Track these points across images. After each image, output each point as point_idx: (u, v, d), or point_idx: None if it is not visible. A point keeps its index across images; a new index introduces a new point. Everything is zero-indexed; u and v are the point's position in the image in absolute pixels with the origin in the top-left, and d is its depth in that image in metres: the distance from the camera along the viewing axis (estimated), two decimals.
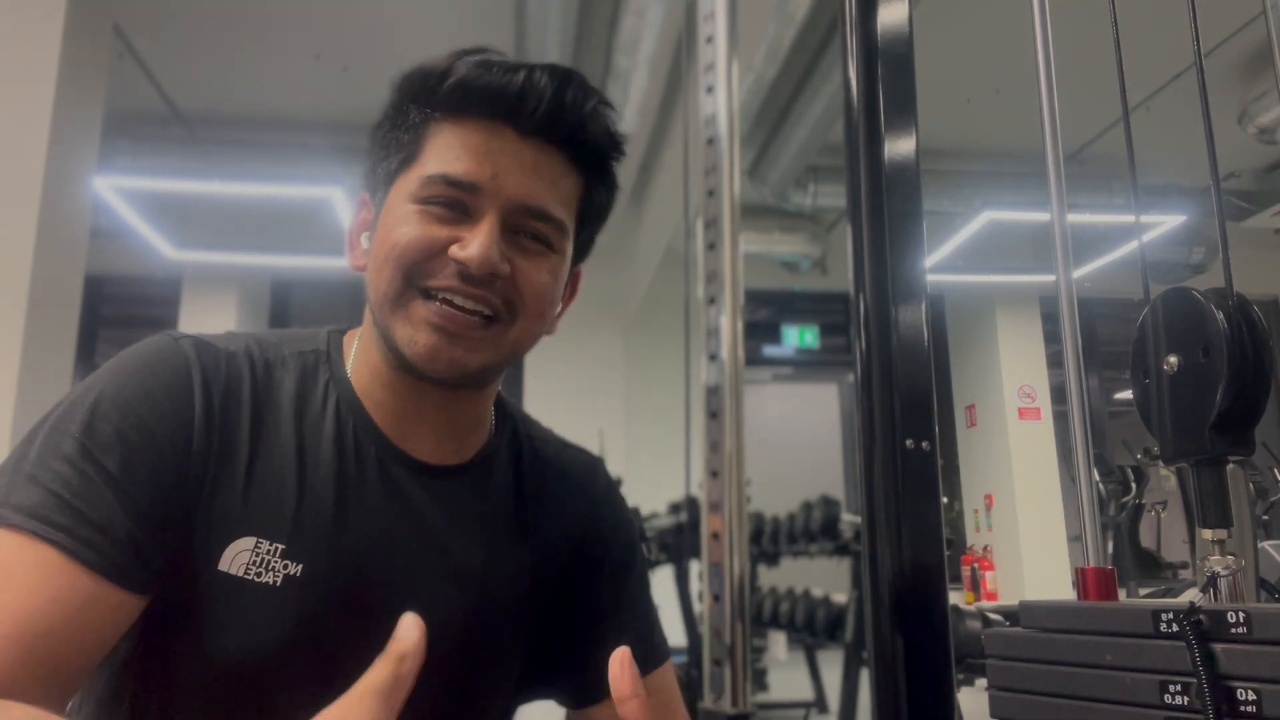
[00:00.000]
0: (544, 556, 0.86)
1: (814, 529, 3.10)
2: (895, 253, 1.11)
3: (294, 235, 5.87)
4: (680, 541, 3.74)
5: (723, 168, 1.32)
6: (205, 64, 4.85)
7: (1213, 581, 0.75)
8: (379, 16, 4.47)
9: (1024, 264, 6.45)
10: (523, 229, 0.76)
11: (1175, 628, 0.66)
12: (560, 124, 0.75)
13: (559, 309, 0.84)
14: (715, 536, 1.24)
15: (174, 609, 0.70)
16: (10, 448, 2.64)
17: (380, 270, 0.75)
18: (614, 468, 1.54)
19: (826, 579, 3.94)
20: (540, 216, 0.76)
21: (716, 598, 1.22)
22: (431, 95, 0.75)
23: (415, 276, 0.73)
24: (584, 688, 0.88)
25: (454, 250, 0.72)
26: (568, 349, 6.98)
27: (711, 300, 1.30)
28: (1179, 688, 0.65)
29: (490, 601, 0.81)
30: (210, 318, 6.39)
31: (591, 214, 0.83)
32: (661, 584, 4.22)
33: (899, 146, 1.13)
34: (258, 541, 0.71)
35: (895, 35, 1.17)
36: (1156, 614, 0.68)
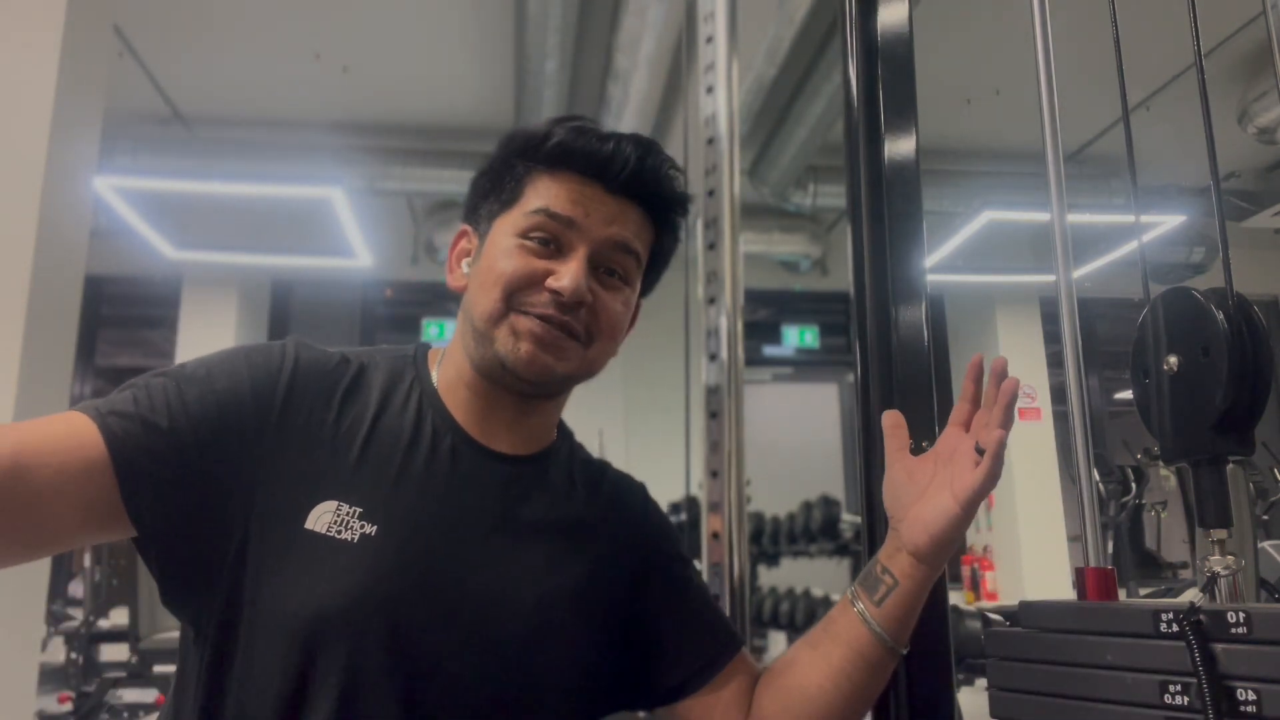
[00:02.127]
0: (603, 561, 0.94)
1: (814, 529, 3.10)
2: (895, 253, 1.11)
3: (294, 235, 5.87)
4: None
5: (723, 168, 1.32)
6: (205, 64, 4.85)
7: (1213, 581, 0.75)
8: (379, 16, 4.47)
9: (1024, 264, 6.45)
10: (605, 264, 0.91)
11: (1175, 628, 0.66)
12: (640, 184, 0.91)
13: (626, 333, 0.98)
14: (715, 536, 1.23)
15: (262, 562, 0.80)
16: None
17: (486, 291, 0.88)
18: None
19: (826, 579, 3.94)
20: (624, 249, 0.91)
21: (716, 598, 1.22)
22: (535, 152, 0.90)
23: (516, 300, 0.87)
24: (656, 686, 0.95)
25: (550, 281, 0.87)
26: None
27: (711, 300, 1.30)
28: (1179, 688, 0.65)
29: (554, 588, 0.89)
30: (210, 318, 6.39)
31: (659, 259, 0.99)
32: None
33: (899, 146, 1.13)
34: (339, 505, 0.81)
35: (895, 35, 1.17)
36: (1156, 614, 0.68)
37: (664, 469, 2.57)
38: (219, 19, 4.47)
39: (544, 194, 0.89)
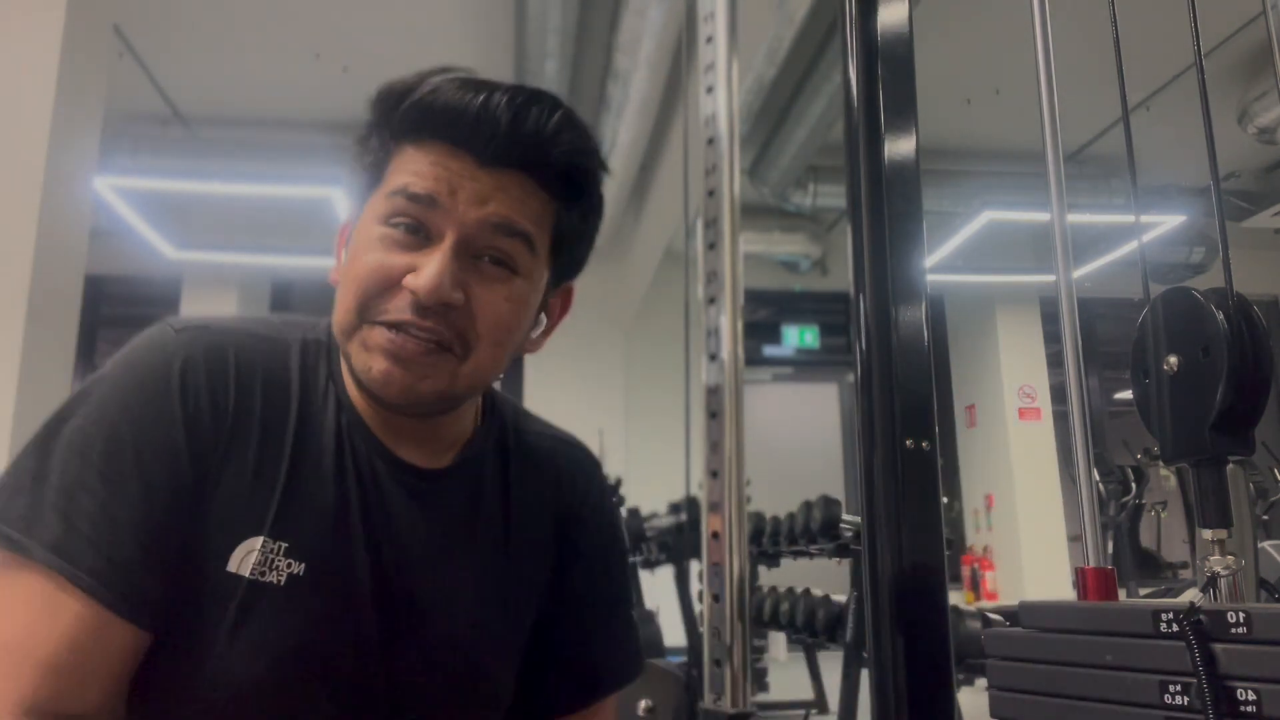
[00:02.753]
0: (528, 559, 0.85)
1: (814, 529, 3.09)
2: (895, 253, 1.11)
3: (294, 235, 5.87)
4: (680, 541, 3.74)
5: (723, 168, 1.32)
6: (205, 64, 4.85)
7: (1213, 581, 0.75)
8: (379, 16, 4.47)
9: (1024, 264, 6.45)
10: (485, 252, 0.73)
11: (1175, 628, 0.66)
12: (518, 150, 0.73)
13: (534, 332, 0.82)
14: (715, 536, 1.24)
15: (179, 622, 0.69)
16: (10, 448, 2.62)
17: (343, 297, 0.74)
18: (614, 468, 1.56)
19: (826, 579, 3.94)
20: (506, 231, 0.73)
21: (716, 598, 1.22)
22: (393, 116, 0.74)
23: (370, 310, 0.72)
24: (554, 685, 0.87)
25: (407, 280, 0.70)
26: (568, 349, 6.98)
27: (711, 300, 1.30)
28: (1179, 688, 0.65)
29: (485, 610, 0.81)
30: None
31: (569, 234, 0.79)
32: (661, 584, 4.22)
33: (899, 146, 1.13)
34: (265, 540, 0.70)
35: (895, 35, 1.17)
36: (1156, 614, 0.68)
37: (664, 469, 2.57)
38: (219, 19, 4.47)
39: (404, 170, 0.72)
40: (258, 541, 0.70)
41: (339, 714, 0.72)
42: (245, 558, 0.69)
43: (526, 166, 0.74)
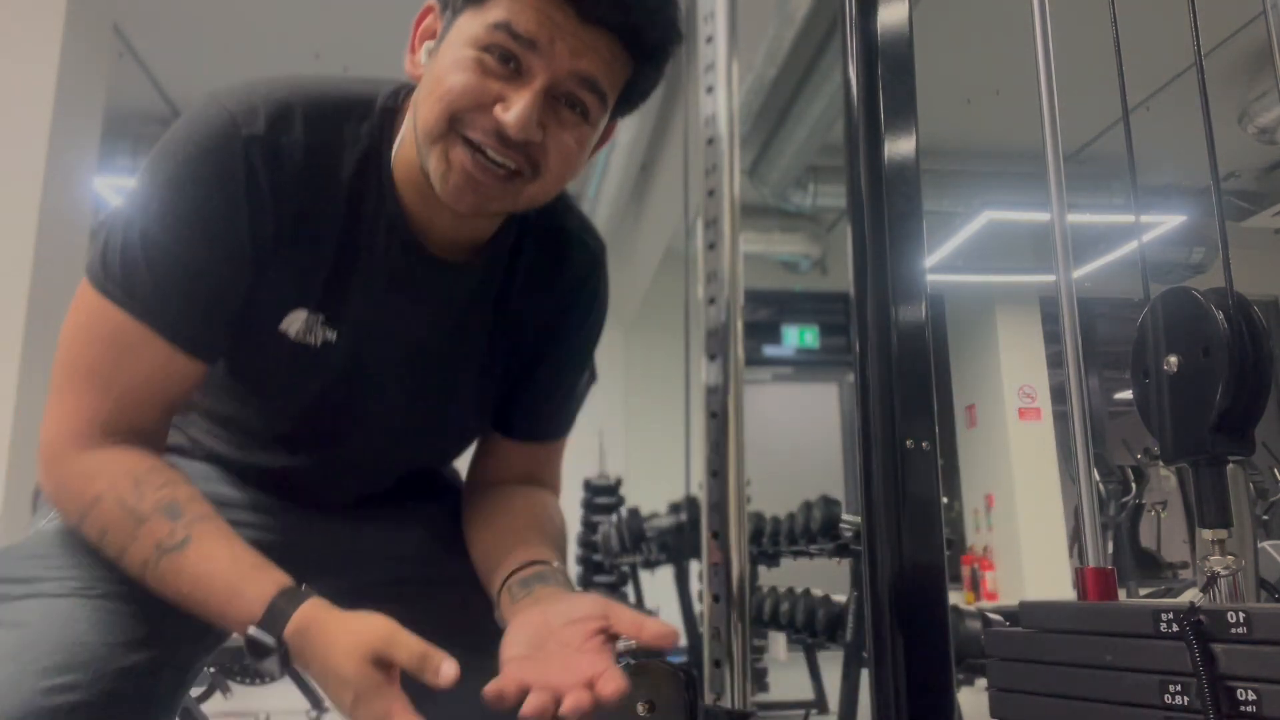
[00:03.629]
0: (514, 323, 0.98)
1: (814, 529, 3.09)
2: (895, 253, 1.11)
3: None
4: (680, 541, 3.74)
5: (723, 168, 1.32)
6: (205, 64, 4.85)
7: (1213, 581, 0.75)
8: (379, 17, 4.46)
9: (1024, 264, 6.45)
10: (566, 96, 0.81)
11: (1175, 628, 0.66)
12: (619, 15, 0.79)
13: (585, 159, 0.89)
14: (715, 536, 1.24)
15: (236, 358, 0.88)
16: (10, 448, 2.62)
17: (429, 104, 0.80)
18: (614, 468, 1.58)
19: (826, 579, 3.94)
20: (589, 86, 0.81)
21: (716, 598, 1.22)
22: None
23: (458, 123, 0.79)
24: (515, 427, 1.04)
25: (497, 110, 0.78)
26: None
27: (711, 300, 1.30)
28: (1179, 688, 0.65)
29: (470, 366, 0.97)
30: None
31: (634, 95, 0.88)
32: (661, 584, 4.22)
33: (899, 146, 1.13)
34: (309, 313, 0.87)
35: (895, 35, 1.17)
36: (1156, 614, 0.68)
37: (664, 469, 2.57)
38: (219, 19, 4.47)
39: (511, 6, 0.77)
40: (303, 313, 0.86)
41: (347, 439, 0.95)
42: (293, 323, 0.87)
43: (621, 31, 0.80)
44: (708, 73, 1.35)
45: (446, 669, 0.69)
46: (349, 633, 0.72)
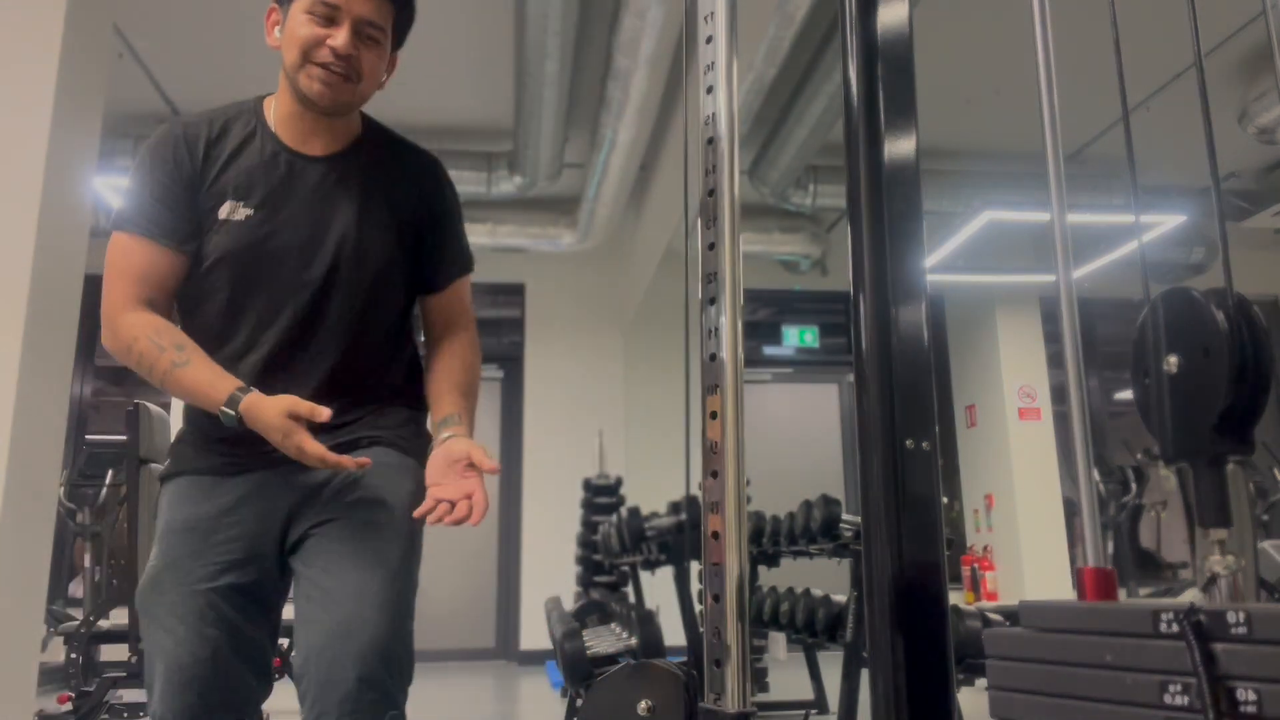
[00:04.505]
0: (393, 195, 1.50)
1: (814, 529, 3.09)
2: (895, 253, 1.11)
3: None
4: (680, 541, 3.74)
5: (723, 168, 1.32)
6: (205, 64, 4.85)
7: (1213, 581, 0.75)
8: None
9: (1024, 264, 6.45)
10: (362, 32, 1.41)
11: (1175, 628, 0.66)
12: None
13: (385, 76, 1.50)
14: (715, 536, 1.23)
15: (201, 248, 1.42)
16: (11, 448, 2.60)
17: (290, 50, 1.40)
18: (614, 468, 1.63)
19: (826, 579, 3.94)
20: (373, 25, 1.42)
21: (716, 598, 1.22)
22: None
23: (309, 55, 1.39)
24: (425, 282, 1.57)
25: (329, 41, 1.38)
26: (567, 349, 6.98)
27: (711, 300, 1.30)
28: (1179, 688, 0.65)
29: (366, 222, 1.46)
30: None
31: (402, 25, 1.50)
32: (661, 584, 4.22)
33: (899, 146, 1.14)
34: (233, 202, 1.42)
35: (895, 35, 1.17)
36: (1156, 614, 0.68)
37: (664, 469, 2.57)
38: (219, 19, 4.47)
39: None
40: (229, 203, 1.42)
41: (278, 287, 1.42)
42: (224, 209, 1.41)
43: None
44: (708, 73, 1.35)
45: (323, 411, 1.29)
46: (273, 403, 1.29)
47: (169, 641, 1.31)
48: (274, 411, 1.28)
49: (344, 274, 1.44)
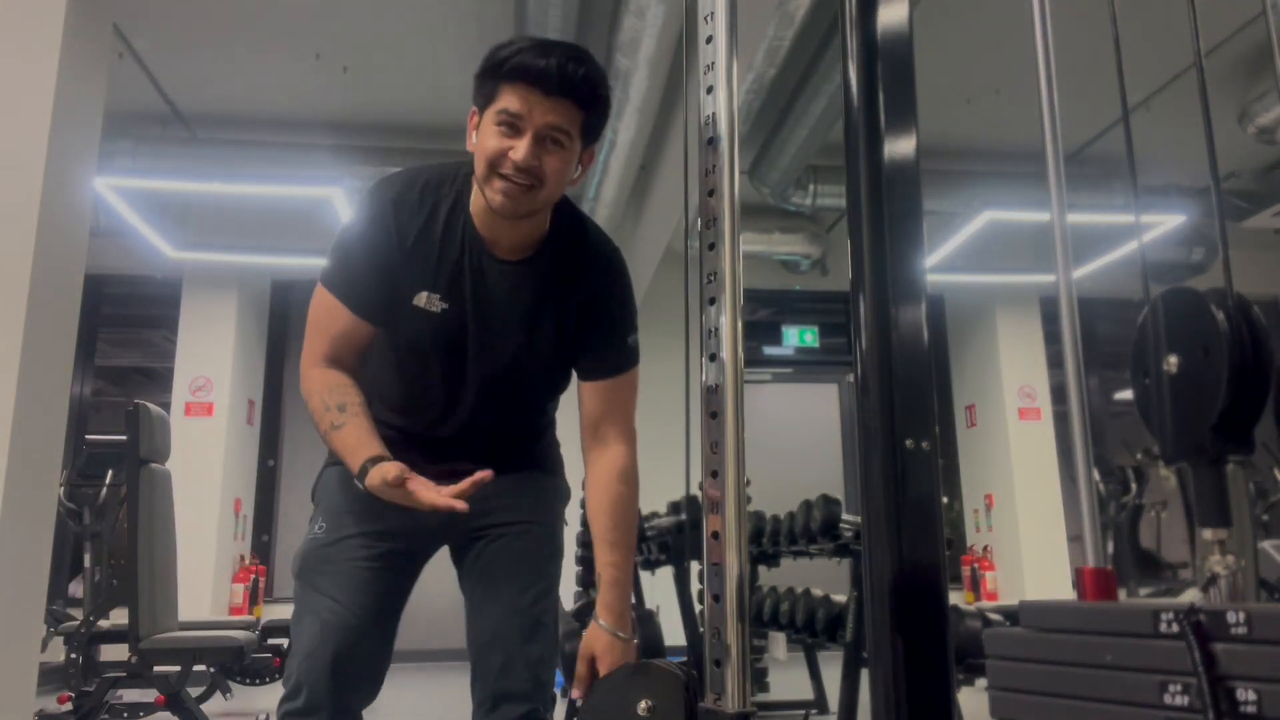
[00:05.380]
0: (569, 298, 1.55)
1: (814, 529, 3.09)
2: (895, 253, 1.11)
3: (294, 235, 5.87)
4: (680, 541, 3.74)
5: (723, 168, 1.32)
6: (205, 64, 4.85)
7: (1213, 581, 0.75)
8: (378, 17, 4.47)
9: (1024, 264, 6.45)
10: (548, 138, 1.41)
11: (1175, 628, 0.66)
12: (564, 89, 1.39)
13: (575, 174, 1.49)
14: (715, 536, 1.23)
15: (391, 322, 1.52)
16: (10, 447, 2.60)
17: (479, 161, 1.43)
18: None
19: (826, 579, 3.94)
20: (558, 129, 1.41)
21: (716, 598, 1.22)
22: (499, 71, 1.40)
23: (494, 167, 1.41)
24: (586, 372, 1.61)
25: (511, 154, 1.39)
26: None
27: (711, 300, 1.30)
28: (1179, 688, 0.65)
29: (536, 328, 1.54)
30: (210, 318, 6.39)
31: (592, 128, 1.48)
32: (661, 584, 4.22)
33: (899, 146, 1.14)
34: (428, 293, 1.49)
35: (895, 35, 1.17)
36: (1156, 614, 0.68)
37: (664, 469, 2.57)
38: (219, 19, 4.47)
39: (506, 100, 1.39)
40: (425, 293, 1.49)
41: (469, 382, 1.54)
42: (420, 299, 1.49)
43: (567, 95, 1.40)
44: (708, 73, 1.35)
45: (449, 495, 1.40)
46: (384, 468, 1.40)
47: (328, 607, 1.51)
48: (388, 475, 1.43)
49: (515, 372, 1.57)
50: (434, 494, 1.37)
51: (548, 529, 1.67)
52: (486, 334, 1.52)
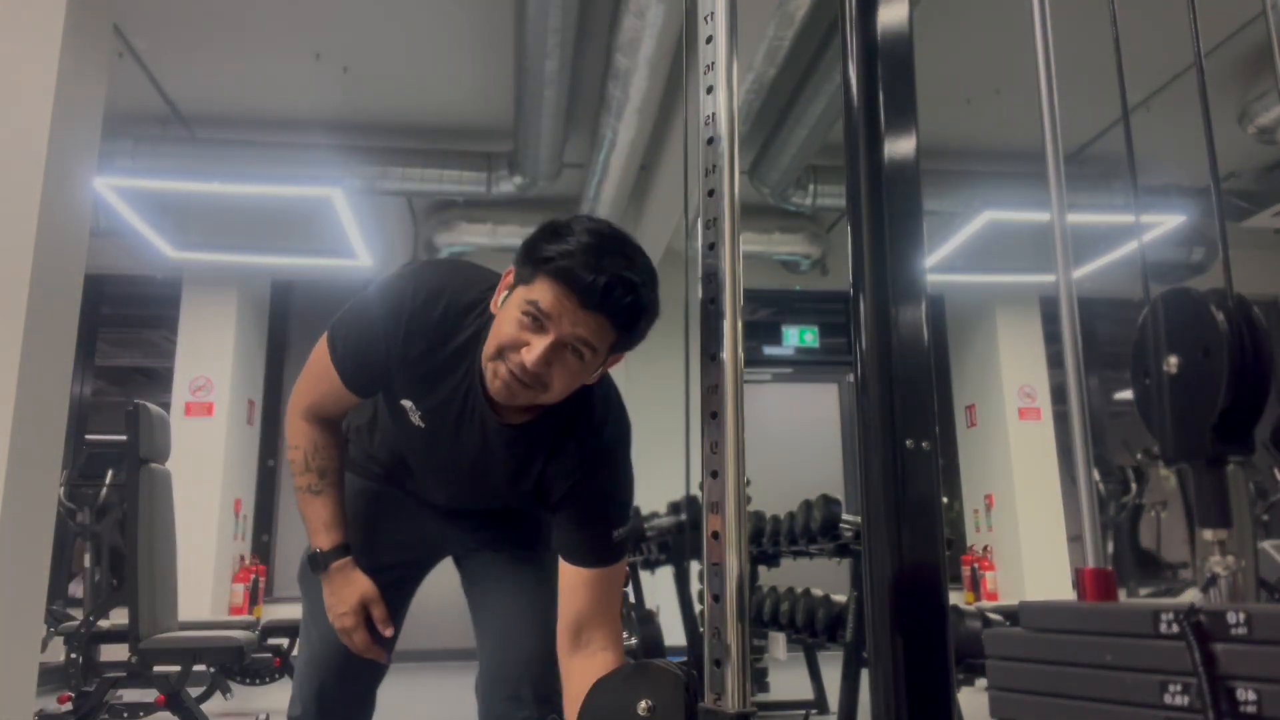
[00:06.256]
0: (553, 472, 1.47)
1: (814, 529, 3.09)
2: (895, 253, 1.11)
3: (294, 235, 5.87)
4: (680, 541, 3.74)
5: (723, 168, 1.32)
6: (205, 64, 4.85)
7: (1213, 581, 0.75)
8: (378, 17, 4.47)
9: (1024, 264, 6.45)
10: (570, 347, 1.30)
11: (1175, 628, 0.66)
12: (606, 309, 1.28)
13: (595, 376, 1.41)
14: (715, 536, 1.23)
15: (386, 408, 1.53)
16: (10, 447, 2.60)
17: (492, 339, 1.34)
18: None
19: (826, 579, 3.94)
20: (583, 343, 1.30)
21: (716, 598, 1.22)
22: (547, 261, 1.27)
23: (503, 353, 1.32)
24: (565, 552, 1.49)
25: (523, 351, 1.29)
26: None
27: (711, 300, 1.30)
28: (1179, 688, 0.65)
29: (514, 485, 1.51)
30: (210, 318, 6.39)
31: (624, 347, 1.38)
32: (661, 584, 4.22)
33: (899, 146, 1.14)
34: (413, 404, 1.46)
35: (895, 35, 1.17)
36: (1156, 614, 0.68)
37: (664, 469, 2.57)
38: (219, 19, 4.47)
39: (541, 291, 1.28)
40: (409, 403, 1.46)
41: (432, 472, 1.57)
42: (405, 406, 1.47)
43: (605, 314, 1.29)
44: (708, 73, 1.35)
45: (388, 630, 1.53)
46: (359, 582, 1.51)
47: (321, 637, 1.59)
48: (354, 590, 1.50)
49: (492, 499, 1.61)
50: (371, 647, 1.51)
51: (551, 555, 1.60)
52: (458, 468, 1.51)
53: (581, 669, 1.40)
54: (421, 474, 1.60)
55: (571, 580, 1.45)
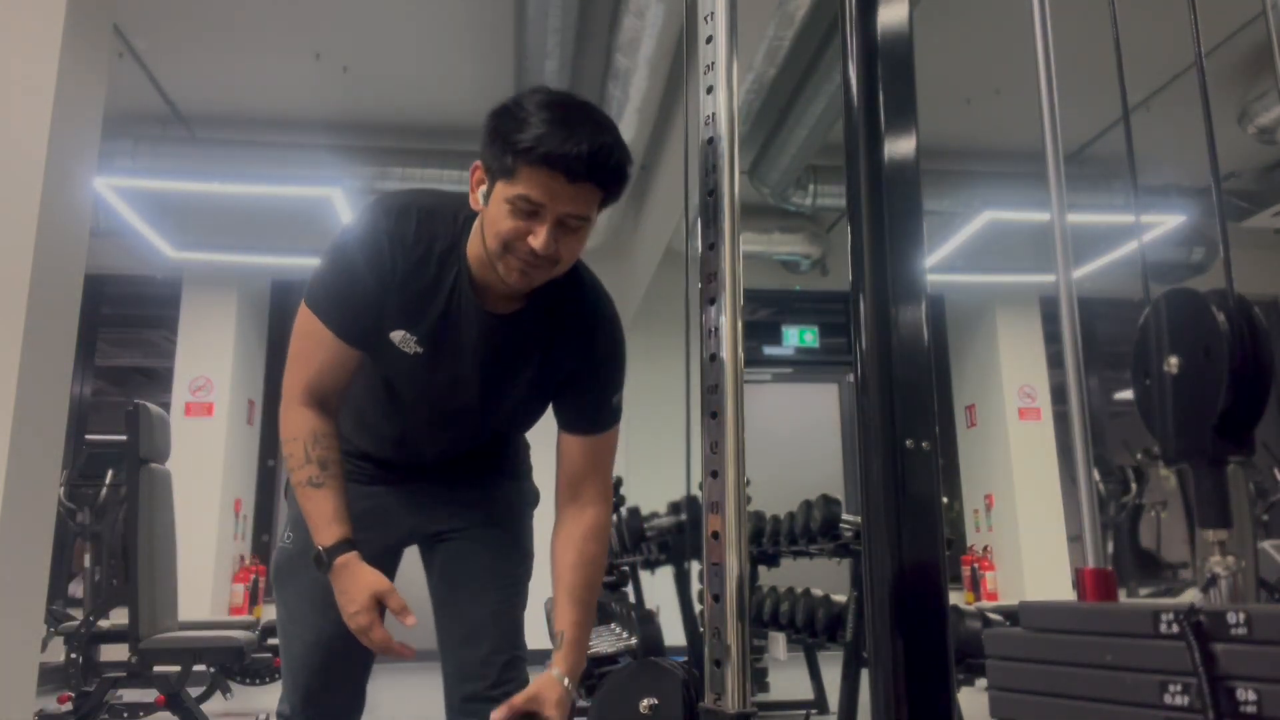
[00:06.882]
0: (554, 354, 1.51)
1: (814, 529, 3.09)
2: (895, 253, 1.11)
3: (294, 235, 5.87)
4: (680, 541, 3.74)
5: (723, 168, 1.32)
6: (205, 64, 4.85)
7: (1213, 581, 0.75)
8: (379, 16, 4.47)
9: (1024, 264, 6.45)
10: (567, 221, 1.33)
11: (1175, 628, 0.66)
12: (594, 179, 1.30)
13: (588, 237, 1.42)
14: (715, 536, 1.23)
15: (372, 352, 1.48)
16: (10, 447, 2.60)
17: (492, 236, 1.35)
18: (614, 467, 1.65)
19: (826, 579, 3.94)
20: (576, 218, 1.34)
21: (716, 598, 1.22)
22: (524, 148, 1.27)
23: (509, 247, 1.34)
24: (567, 424, 1.56)
25: (530, 239, 1.32)
26: None
27: (711, 300, 1.30)
28: (1179, 688, 0.65)
29: (513, 381, 1.52)
30: (210, 318, 6.39)
31: (610, 201, 1.39)
32: (661, 584, 4.22)
33: (899, 146, 1.14)
34: (406, 332, 1.45)
35: (895, 35, 1.17)
36: (1156, 614, 0.68)
37: (664, 469, 2.57)
38: (219, 19, 4.47)
39: (527, 183, 1.29)
40: (402, 332, 1.45)
41: (434, 415, 1.56)
42: (396, 336, 1.45)
43: (591, 180, 1.31)
44: (708, 73, 1.35)
45: (409, 619, 1.38)
46: (367, 575, 1.41)
47: (298, 637, 1.59)
48: (363, 585, 1.41)
49: (485, 414, 1.57)
50: (391, 644, 1.43)
51: (513, 531, 1.69)
52: (460, 383, 1.50)
53: (574, 517, 1.55)
54: (415, 422, 1.58)
55: (570, 447, 1.54)
